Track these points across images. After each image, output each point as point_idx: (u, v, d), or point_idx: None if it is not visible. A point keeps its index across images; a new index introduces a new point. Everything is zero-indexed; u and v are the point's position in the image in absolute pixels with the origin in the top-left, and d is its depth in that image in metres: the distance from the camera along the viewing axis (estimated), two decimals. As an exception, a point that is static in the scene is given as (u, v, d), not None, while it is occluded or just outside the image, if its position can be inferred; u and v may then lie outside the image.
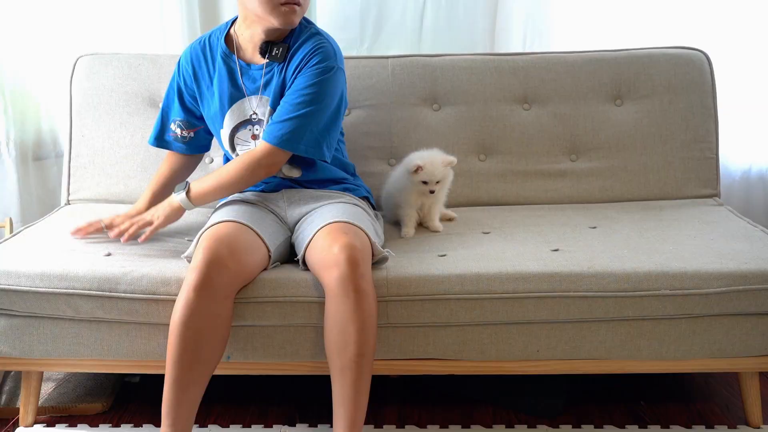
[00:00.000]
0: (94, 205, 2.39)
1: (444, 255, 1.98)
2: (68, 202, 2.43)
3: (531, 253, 1.96)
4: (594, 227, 2.18)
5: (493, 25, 2.76)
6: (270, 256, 1.91)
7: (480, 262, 1.91)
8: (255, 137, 2.04)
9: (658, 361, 1.94)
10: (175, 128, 2.15)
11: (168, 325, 1.75)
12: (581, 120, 2.44)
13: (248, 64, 2.03)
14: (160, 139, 2.19)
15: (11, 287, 1.86)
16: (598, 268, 1.87)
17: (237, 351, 1.91)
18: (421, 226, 2.21)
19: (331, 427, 2.00)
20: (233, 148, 2.08)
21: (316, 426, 2.04)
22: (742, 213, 2.37)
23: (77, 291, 1.85)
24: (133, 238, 2.01)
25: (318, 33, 2.01)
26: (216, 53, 2.05)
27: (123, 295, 1.85)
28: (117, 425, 2.06)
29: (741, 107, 2.71)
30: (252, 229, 1.88)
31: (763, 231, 2.11)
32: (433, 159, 2.13)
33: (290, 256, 2.02)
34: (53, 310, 1.88)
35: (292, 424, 2.05)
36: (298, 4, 1.91)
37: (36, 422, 2.05)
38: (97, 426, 2.06)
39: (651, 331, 1.90)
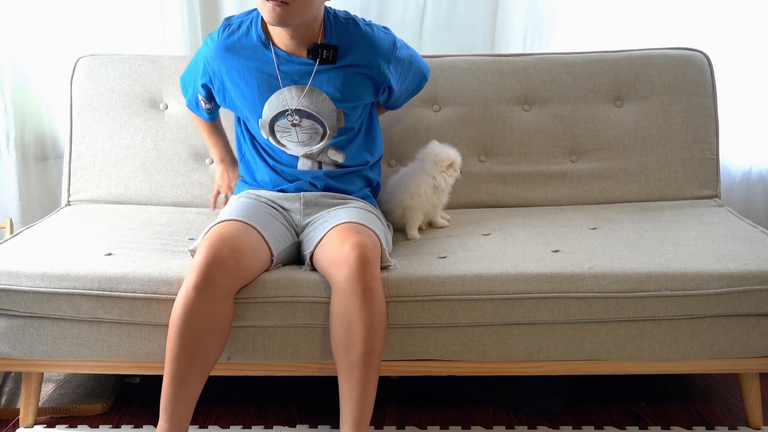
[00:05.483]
0: (95, 206, 2.39)
1: (444, 257, 1.98)
2: (68, 203, 2.43)
3: (531, 254, 1.96)
4: (594, 228, 2.18)
5: (493, 26, 2.75)
6: (272, 260, 1.91)
7: (480, 263, 1.91)
8: (295, 125, 2.03)
9: (658, 362, 1.94)
10: (201, 99, 2.18)
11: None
12: (581, 121, 2.44)
13: (288, 55, 1.98)
14: (193, 106, 2.24)
15: (12, 287, 1.86)
16: (599, 269, 1.87)
17: (237, 352, 1.91)
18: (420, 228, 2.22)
19: (332, 428, 2.01)
20: (273, 135, 2.06)
21: (317, 427, 2.04)
22: (743, 214, 2.37)
23: (78, 291, 1.85)
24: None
25: (358, 26, 2.01)
26: (252, 42, 1.99)
27: (124, 294, 1.85)
28: (117, 426, 2.06)
29: (741, 108, 2.71)
30: (257, 230, 1.88)
31: (763, 232, 2.10)
32: (446, 147, 2.19)
33: (294, 260, 2.02)
34: (54, 311, 1.88)
35: (292, 425, 2.05)
36: (284, 2, 1.79)
37: (36, 423, 2.05)
38: (98, 427, 2.06)
39: (651, 332, 1.90)
